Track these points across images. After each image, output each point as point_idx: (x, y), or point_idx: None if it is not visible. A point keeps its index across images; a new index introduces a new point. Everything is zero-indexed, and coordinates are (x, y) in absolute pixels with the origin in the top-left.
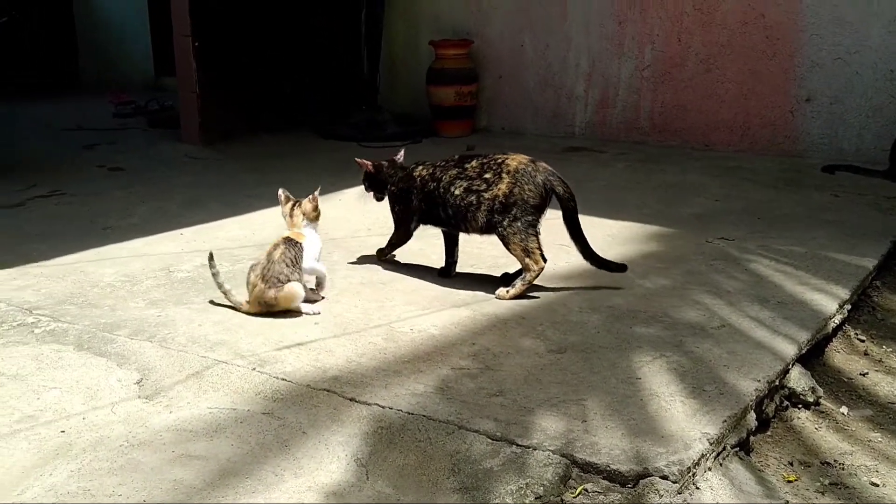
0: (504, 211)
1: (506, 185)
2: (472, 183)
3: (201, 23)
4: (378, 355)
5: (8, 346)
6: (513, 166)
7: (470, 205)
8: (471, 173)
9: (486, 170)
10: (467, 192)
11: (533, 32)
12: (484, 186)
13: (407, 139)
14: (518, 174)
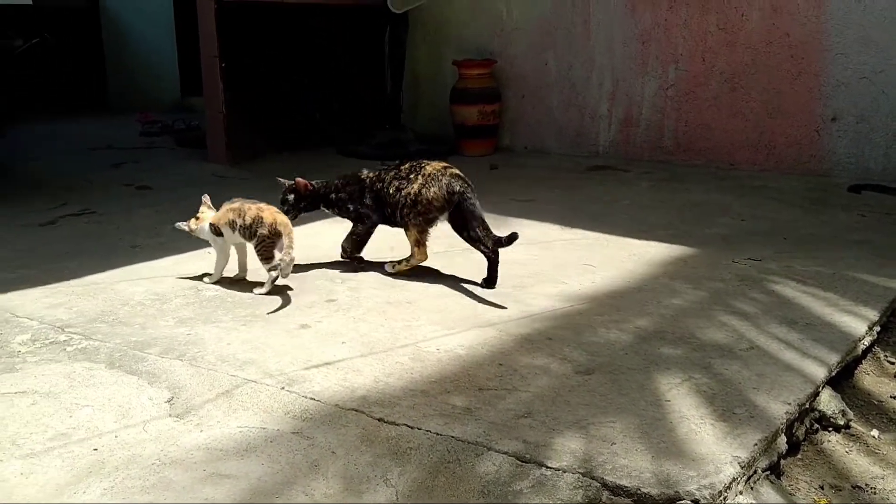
0: (412, 206)
1: (417, 185)
2: (400, 183)
3: (228, 44)
4: (405, 375)
5: (41, 363)
6: (427, 171)
7: (398, 202)
8: (402, 174)
9: (411, 171)
10: (397, 191)
11: (556, 52)
12: (406, 185)
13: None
14: (429, 177)
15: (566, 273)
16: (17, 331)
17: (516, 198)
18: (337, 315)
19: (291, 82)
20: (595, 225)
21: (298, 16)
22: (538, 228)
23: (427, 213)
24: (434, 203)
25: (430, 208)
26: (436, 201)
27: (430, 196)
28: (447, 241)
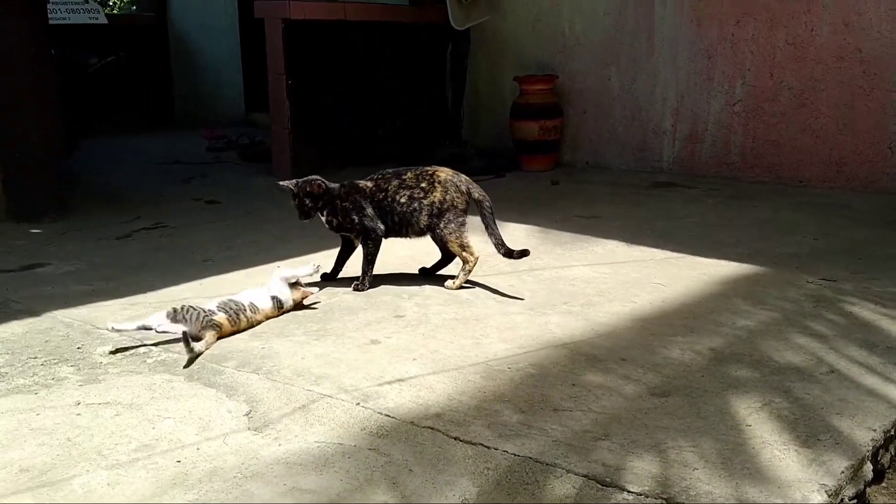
0: (440, 215)
1: (439, 193)
2: (412, 192)
3: (294, 61)
4: (478, 394)
5: (122, 375)
6: (442, 177)
7: (413, 211)
8: (410, 183)
9: (420, 180)
10: (410, 200)
11: (619, 67)
12: (422, 195)
13: (490, 173)
14: (447, 184)
15: (635, 292)
16: (98, 342)
17: (579, 214)
18: (406, 331)
19: (354, 98)
20: (662, 242)
21: (362, 33)
22: (603, 246)
23: (458, 218)
24: (460, 206)
25: (457, 212)
26: (460, 204)
27: (455, 201)
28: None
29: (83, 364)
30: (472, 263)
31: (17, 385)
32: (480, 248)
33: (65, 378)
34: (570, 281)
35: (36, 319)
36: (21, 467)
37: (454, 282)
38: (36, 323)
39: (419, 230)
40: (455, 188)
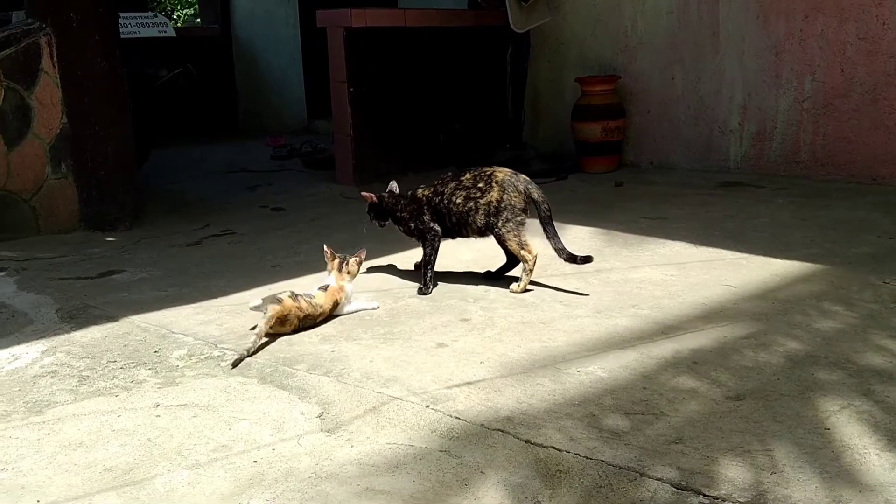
0: (497, 214)
1: (496, 192)
2: (469, 192)
3: (355, 69)
4: (547, 397)
5: (198, 377)
6: (500, 177)
7: (469, 210)
8: (467, 184)
9: (478, 181)
10: (466, 200)
11: (683, 66)
12: (479, 194)
13: (552, 176)
14: (504, 183)
15: (705, 294)
16: (174, 346)
17: (645, 216)
18: (472, 335)
19: (415, 104)
20: (731, 243)
21: (421, 39)
22: (671, 247)
23: (516, 217)
24: (518, 206)
25: (515, 212)
26: (518, 204)
27: (512, 200)
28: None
29: (160, 367)
30: (532, 262)
31: (98, 388)
32: (541, 251)
33: (143, 381)
34: (637, 283)
35: (114, 324)
36: (105, 467)
37: (518, 284)
38: (114, 328)
39: (477, 229)
40: (513, 187)
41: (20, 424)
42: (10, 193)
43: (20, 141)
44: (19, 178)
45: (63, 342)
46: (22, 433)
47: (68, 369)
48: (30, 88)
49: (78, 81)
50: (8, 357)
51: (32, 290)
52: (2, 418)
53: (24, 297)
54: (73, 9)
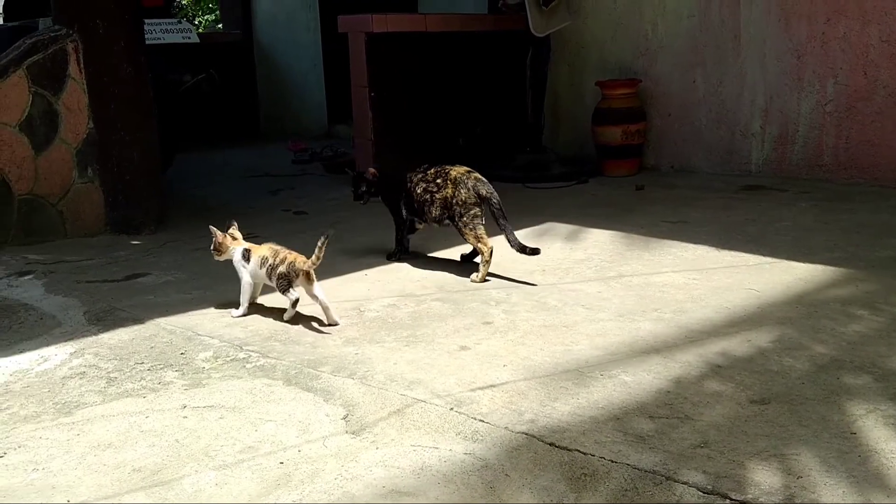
0: (451, 208)
1: (450, 189)
2: (428, 186)
3: (376, 74)
4: (571, 400)
5: (224, 379)
6: (453, 175)
7: (425, 202)
8: (429, 178)
9: (437, 177)
10: (424, 192)
11: (705, 69)
12: (435, 189)
13: (573, 179)
14: (457, 181)
15: (728, 298)
16: (199, 348)
17: (666, 219)
18: (495, 338)
19: (435, 108)
20: (754, 247)
21: (441, 44)
22: (693, 251)
23: (469, 211)
24: (469, 202)
25: (468, 206)
26: (469, 199)
27: (463, 197)
28: (605, 267)
29: (187, 369)
30: (488, 254)
31: (126, 389)
32: (566, 255)
33: (170, 382)
34: (659, 287)
35: (141, 327)
36: (134, 467)
37: (477, 275)
38: (141, 330)
39: (433, 219)
40: (463, 185)
41: (50, 425)
42: (38, 197)
43: (48, 146)
44: (47, 183)
45: (91, 344)
46: (52, 434)
47: (96, 371)
48: (57, 94)
49: (104, 87)
50: (37, 358)
51: (60, 292)
52: (32, 419)
53: (52, 299)
54: (100, 15)
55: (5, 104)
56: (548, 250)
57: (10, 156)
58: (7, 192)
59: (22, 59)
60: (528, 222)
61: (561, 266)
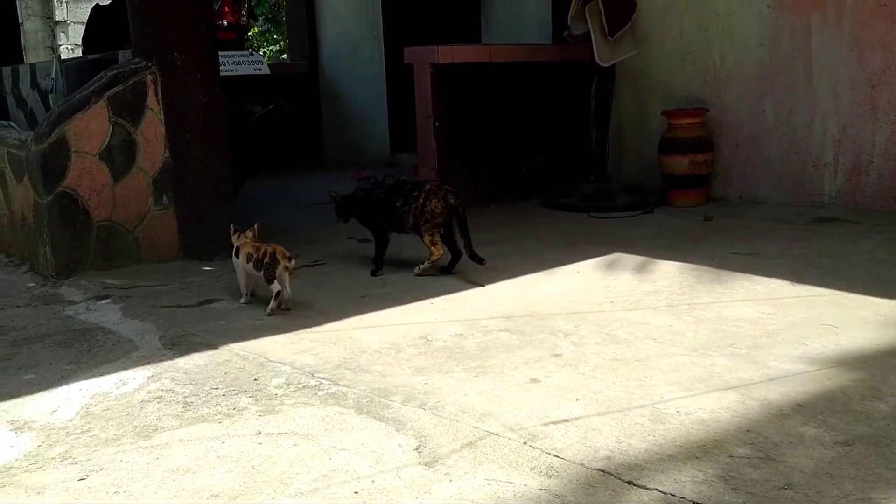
0: (421, 215)
1: (422, 200)
2: (406, 198)
3: (441, 104)
4: (647, 437)
5: (297, 406)
6: (427, 188)
7: (404, 213)
8: (405, 191)
9: (413, 189)
10: (405, 204)
11: (774, 98)
12: (411, 200)
13: (638, 209)
14: (429, 193)
15: (804, 334)
16: (272, 374)
17: (736, 251)
18: (565, 371)
19: (498, 137)
20: (829, 281)
21: (505, 73)
22: (766, 284)
23: (433, 220)
24: (436, 210)
25: (434, 215)
26: (437, 209)
27: (431, 207)
28: (676, 300)
29: (260, 395)
30: (436, 256)
31: (202, 414)
32: (635, 287)
33: (244, 408)
34: (733, 321)
35: (214, 352)
36: (212, 493)
37: (420, 268)
38: (215, 355)
39: (410, 228)
40: (435, 196)
41: (130, 448)
42: (116, 224)
43: (126, 174)
44: (124, 210)
45: (167, 368)
46: (132, 457)
47: (173, 395)
48: (135, 124)
49: (180, 117)
50: (116, 382)
51: (136, 317)
52: (112, 442)
53: (129, 323)
54: (178, 48)
55: (87, 134)
56: (615, 281)
57: (90, 183)
58: (87, 218)
59: (103, 90)
60: (595, 252)
61: (630, 298)
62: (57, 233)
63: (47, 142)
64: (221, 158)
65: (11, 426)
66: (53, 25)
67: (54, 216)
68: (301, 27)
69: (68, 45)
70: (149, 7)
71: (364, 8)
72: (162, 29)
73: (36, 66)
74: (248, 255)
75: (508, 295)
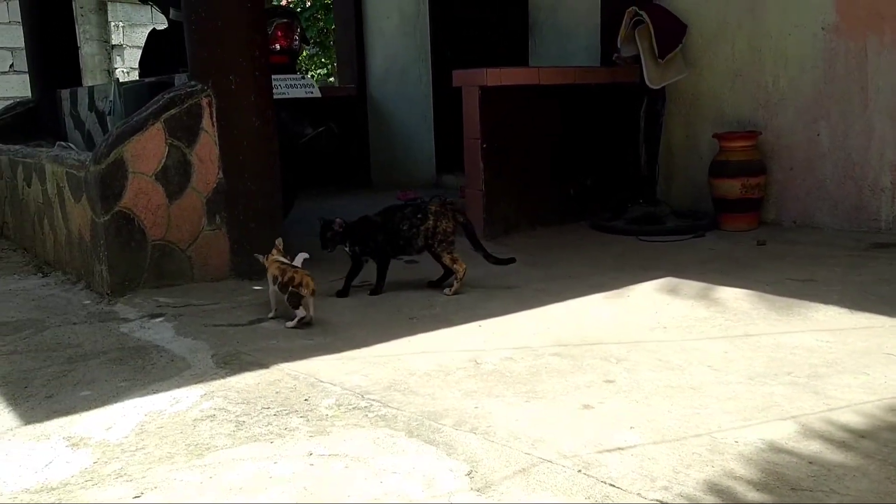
0: (433, 237)
1: (432, 221)
2: (413, 220)
3: (489, 126)
4: (706, 468)
5: (347, 428)
6: (433, 209)
7: (413, 235)
8: (407, 215)
9: (418, 212)
10: (412, 227)
11: (829, 122)
12: (418, 222)
13: (688, 233)
14: (437, 213)
15: (865, 363)
16: (322, 395)
17: (792, 277)
18: (618, 397)
19: (545, 159)
20: (888, 309)
21: (553, 95)
22: (823, 311)
23: (447, 238)
24: (448, 229)
25: (447, 234)
26: (449, 227)
27: (443, 226)
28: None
29: (311, 416)
30: (462, 273)
31: (254, 433)
32: (687, 312)
33: (296, 428)
34: (790, 349)
35: (265, 371)
36: None
37: (450, 289)
38: (266, 374)
39: (418, 249)
40: (443, 216)
41: (183, 466)
42: (169, 243)
43: (180, 195)
44: (178, 230)
45: (219, 387)
46: (185, 475)
47: (225, 414)
48: (191, 146)
49: (234, 139)
50: (170, 400)
51: (189, 335)
52: (166, 460)
53: (182, 341)
54: (233, 72)
55: (143, 155)
56: (667, 306)
57: (146, 203)
58: (142, 237)
59: (160, 112)
60: (645, 276)
61: (682, 324)
62: (113, 252)
63: (105, 162)
64: (272, 180)
65: (68, 442)
66: (110, 49)
67: (111, 235)
68: (350, 51)
69: (123, 68)
70: (205, 32)
71: (412, 31)
72: (218, 53)
73: (94, 88)
74: (274, 277)
75: (558, 318)
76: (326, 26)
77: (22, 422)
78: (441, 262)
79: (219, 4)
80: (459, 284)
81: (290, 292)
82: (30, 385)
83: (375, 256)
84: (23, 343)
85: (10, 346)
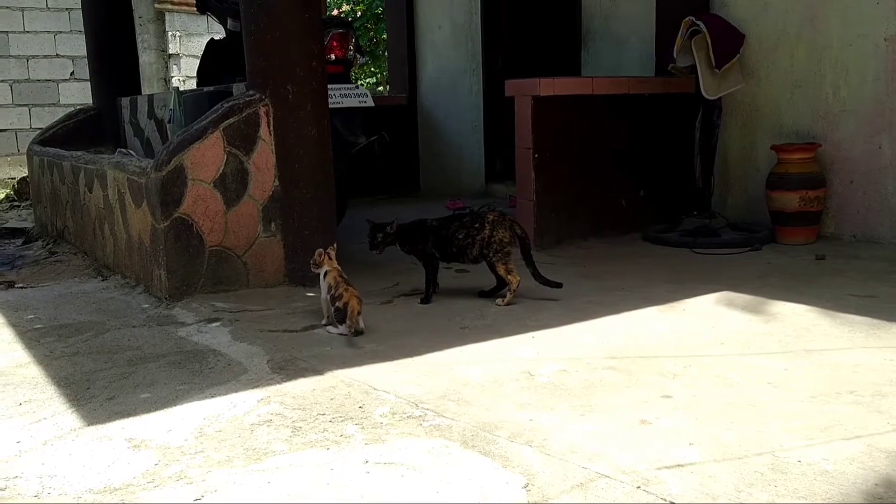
0: (489, 246)
1: (488, 230)
2: (469, 230)
3: (541, 136)
4: (769, 487)
5: (402, 436)
6: (490, 218)
7: (468, 245)
8: (466, 224)
9: (475, 221)
10: (468, 236)
11: (891, 134)
12: (475, 231)
13: (745, 246)
14: (494, 223)
15: None
16: (377, 403)
17: (853, 293)
18: (676, 413)
19: (597, 169)
20: None
21: (605, 105)
22: (886, 329)
23: (503, 249)
24: (504, 240)
25: (503, 244)
26: (505, 238)
27: (500, 236)
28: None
29: (366, 423)
30: (516, 284)
31: (310, 440)
32: (745, 327)
33: (351, 436)
34: (852, 367)
35: (320, 378)
36: None
37: (503, 299)
38: (321, 381)
39: (471, 259)
40: (501, 226)
41: (242, 471)
42: (226, 249)
43: (237, 202)
44: (234, 236)
45: (276, 392)
46: (245, 479)
47: (282, 419)
48: (248, 154)
49: (290, 148)
50: (228, 404)
51: (245, 340)
52: (225, 464)
53: (238, 346)
54: (290, 81)
55: (203, 163)
56: (724, 321)
57: (204, 210)
58: (200, 243)
59: (219, 121)
60: (701, 290)
61: (741, 339)
62: (171, 257)
63: (166, 170)
64: (326, 188)
65: (129, 444)
66: (167, 58)
67: (170, 241)
68: (401, 60)
69: (180, 76)
70: (263, 42)
71: (464, 41)
72: (275, 63)
73: (153, 96)
74: (329, 286)
75: (612, 331)
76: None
77: (85, 422)
78: (495, 272)
79: (277, 15)
80: (512, 296)
81: (335, 307)
82: (92, 386)
83: (423, 260)
84: (84, 345)
85: (72, 347)
